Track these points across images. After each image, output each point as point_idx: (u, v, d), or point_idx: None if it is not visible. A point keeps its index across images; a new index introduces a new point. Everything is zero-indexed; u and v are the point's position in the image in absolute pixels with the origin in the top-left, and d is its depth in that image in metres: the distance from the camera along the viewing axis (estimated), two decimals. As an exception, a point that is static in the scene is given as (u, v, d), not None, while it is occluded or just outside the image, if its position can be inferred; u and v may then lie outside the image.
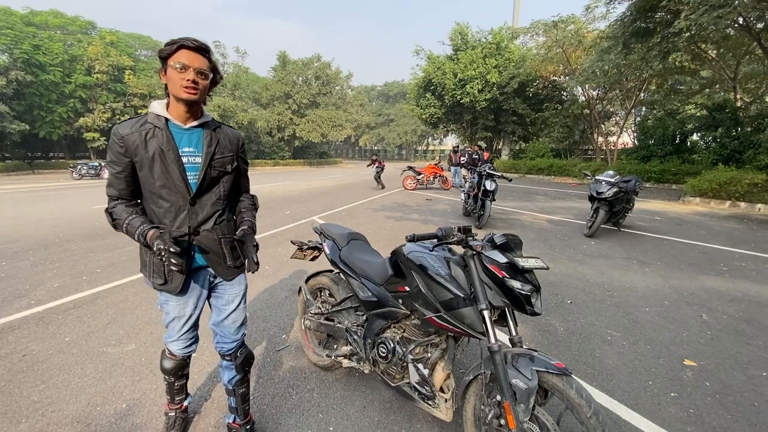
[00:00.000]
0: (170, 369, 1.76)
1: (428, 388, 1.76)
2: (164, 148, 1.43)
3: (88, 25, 30.57)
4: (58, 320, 3.20)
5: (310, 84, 39.98)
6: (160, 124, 1.45)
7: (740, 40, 13.37)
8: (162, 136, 1.43)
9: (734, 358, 2.71)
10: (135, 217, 1.44)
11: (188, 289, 1.61)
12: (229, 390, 1.82)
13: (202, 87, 1.43)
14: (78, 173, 19.35)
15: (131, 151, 1.42)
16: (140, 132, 1.42)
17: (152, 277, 1.56)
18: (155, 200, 1.48)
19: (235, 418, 1.86)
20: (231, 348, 1.76)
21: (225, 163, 1.58)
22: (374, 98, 64.14)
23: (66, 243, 5.76)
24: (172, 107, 1.48)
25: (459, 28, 24.14)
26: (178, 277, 1.54)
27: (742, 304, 3.67)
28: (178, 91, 1.40)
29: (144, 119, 1.46)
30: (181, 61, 1.37)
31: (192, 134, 1.51)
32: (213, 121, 1.59)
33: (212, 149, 1.52)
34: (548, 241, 6.12)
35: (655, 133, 17.25)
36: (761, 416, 2.10)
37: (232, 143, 1.61)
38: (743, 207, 9.86)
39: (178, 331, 1.67)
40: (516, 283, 1.49)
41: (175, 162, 1.44)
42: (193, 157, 1.49)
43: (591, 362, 2.63)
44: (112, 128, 1.47)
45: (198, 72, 1.40)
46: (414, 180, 14.46)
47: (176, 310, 1.62)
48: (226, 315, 1.72)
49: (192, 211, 1.51)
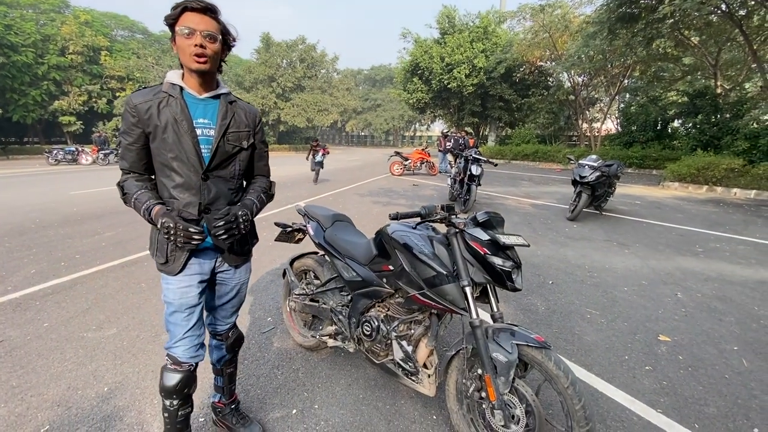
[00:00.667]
0: (175, 387, 1.49)
1: (412, 365, 1.78)
2: (178, 117, 1.36)
3: (61, 4, 29.06)
4: (35, 306, 3.12)
5: (295, 67, 39.04)
6: (175, 93, 1.38)
7: (722, 27, 13.54)
8: (176, 105, 1.37)
9: (707, 333, 2.82)
10: (143, 192, 1.39)
11: (191, 271, 1.48)
12: (217, 369, 1.79)
13: (212, 53, 1.34)
14: (54, 158, 18.63)
15: (144, 121, 1.36)
16: (154, 101, 1.36)
17: (155, 256, 1.48)
18: (167, 173, 1.41)
19: (220, 398, 1.85)
20: (224, 329, 1.73)
21: (241, 138, 1.50)
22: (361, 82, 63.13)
23: (43, 229, 5.58)
24: (186, 77, 1.42)
25: (446, 11, 23.79)
26: (180, 257, 1.45)
27: (715, 283, 3.81)
28: (188, 61, 1.32)
29: (159, 88, 1.40)
30: (187, 26, 1.28)
31: (207, 105, 1.44)
32: (230, 94, 1.52)
33: (227, 122, 1.45)
34: (532, 225, 6.21)
35: (638, 120, 17.51)
36: (731, 387, 2.20)
37: (248, 118, 1.54)
38: (720, 191, 10.17)
39: (182, 326, 1.50)
40: (497, 260, 1.50)
41: (188, 132, 1.37)
42: (207, 129, 1.42)
43: (570, 339, 2.71)
44: (88, 112, 1.44)
45: (206, 36, 1.31)
46: (401, 165, 14.42)
47: (177, 295, 1.47)
48: (226, 301, 1.67)
49: (204, 186, 1.43)
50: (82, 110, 27.51)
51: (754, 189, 9.63)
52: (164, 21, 1.35)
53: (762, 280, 3.89)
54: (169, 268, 1.46)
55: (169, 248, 1.44)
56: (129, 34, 34.76)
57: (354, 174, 14.66)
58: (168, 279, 1.48)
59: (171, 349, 1.52)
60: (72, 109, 27.14)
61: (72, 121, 27.32)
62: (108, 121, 28.92)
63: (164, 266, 1.46)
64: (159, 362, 2.36)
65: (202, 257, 1.51)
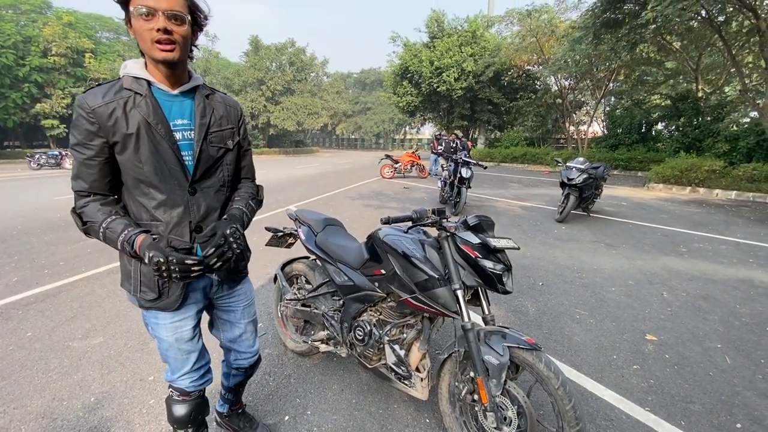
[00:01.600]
0: (188, 417, 1.35)
1: (404, 369, 1.79)
2: (151, 120, 1.11)
3: (43, 4, 28.50)
4: (18, 315, 3.04)
5: (285, 70, 38.92)
6: (142, 89, 1.11)
7: (703, 33, 13.94)
8: (146, 105, 1.11)
9: (692, 332, 2.88)
10: (115, 219, 1.12)
11: (186, 300, 1.26)
12: (228, 388, 1.68)
13: (180, 37, 1.08)
14: (36, 163, 18.24)
15: (107, 128, 1.08)
16: (117, 102, 1.09)
17: (139, 292, 1.21)
18: (144, 190, 1.15)
19: (228, 408, 1.77)
20: (251, 362, 1.57)
21: (225, 137, 1.26)
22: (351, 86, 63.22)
23: (25, 236, 5.45)
24: (151, 69, 1.15)
25: (435, 15, 24.02)
26: (175, 289, 1.21)
27: (699, 282, 3.90)
28: (150, 48, 1.06)
29: (118, 84, 1.12)
30: (145, 4, 1.01)
31: (183, 102, 1.19)
32: (204, 85, 1.26)
33: (207, 120, 1.21)
34: (521, 227, 6.28)
35: (623, 123, 17.88)
36: (716, 384, 2.25)
37: (230, 113, 1.30)
38: (702, 192, 10.42)
39: (182, 361, 1.32)
40: (488, 263, 1.52)
41: (166, 138, 1.13)
42: (187, 132, 1.18)
43: (560, 339, 2.75)
44: (72, 115, 1.20)
45: (171, 16, 1.04)
46: (392, 168, 14.45)
47: (171, 331, 1.26)
48: (243, 329, 1.48)
49: (193, 201, 1.20)
50: (65, 113, 26.96)
51: (734, 190, 9.89)
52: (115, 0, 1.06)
53: (743, 278, 4.00)
54: (163, 304, 1.22)
55: (161, 281, 1.20)
56: (114, 36, 34.19)
57: (345, 177, 14.64)
58: (157, 315, 1.25)
59: (175, 382, 1.36)
60: (55, 112, 26.57)
61: (55, 125, 26.76)
62: (93, 124, 28.38)
63: (155, 302, 1.22)
64: (147, 371, 2.32)
65: (195, 283, 1.29)
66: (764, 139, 10.97)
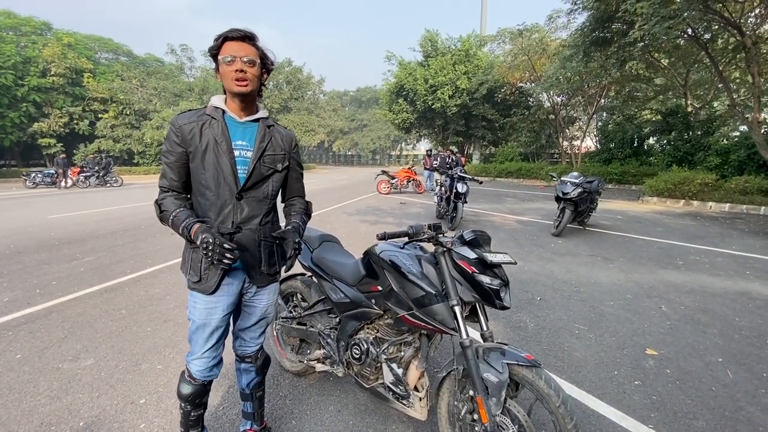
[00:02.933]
0: (188, 395, 1.59)
1: (402, 388, 1.75)
2: (218, 138, 1.43)
3: (44, 26, 28.89)
4: (8, 336, 2.97)
5: (282, 89, 39.40)
6: (217, 115, 1.46)
7: (690, 50, 14.33)
8: (217, 127, 1.44)
9: (692, 345, 2.86)
10: (182, 210, 1.43)
11: (221, 293, 1.52)
12: (246, 395, 1.79)
13: (252, 76, 1.42)
14: (32, 181, 18.14)
15: (186, 141, 1.43)
16: (197, 122, 1.44)
17: (188, 274, 1.51)
18: (203, 192, 1.47)
19: (252, 425, 1.83)
20: (253, 351, 1.74)
21: (276, 160, 1.56)
22: (347, 103, 64.11)
23: (18, 255, 5.38)
24: (228, 102, 1.49)
25: (429, 35, 24.59)
26: (213, 277, 1.48)
27: (697, 295, 3.89)
28: (230, 85, 1.40)
29: (202, 111, 1.48)
30: (228, 54, 1.37)
31: (246, 128, 1.51)
32: (269, 118, 1.59)
33: (264, 144, 1.52)
34: (518, 241, 6.28)
35: (615, 137, 18.16)
36: (718, 400, 2.22)
37: (285, 142, 1.60)
38: (696, 205, 10.51)
39: (201, 344, 1.55)
40: (485, 278, 1.51)
41: (227, 153, 1.44)
42: (245, 151, 1.48)
43: (560, 355, 2.71)
44: (69, 134, 1.43)
45: (246, 61, 1.39)
46: (388, 184, 14.53)
47: (203, 315, 1.52)
48: (255, 322, 1.69)
49: (237, 206, 1.48)
50: (63, 132, 27.03)
51: (728, 202, 9.99)
52: (208, 52, 1.44)
53: (741, 291, 3.99)
54: (202, 287, 1.49)
55: (203, 267, 1.47)
56: (113, 57, 34.60)
57: (341, 193, 14.67)
58: (196, 297, 1.52)
59: (189, 363, 1.59)
60: (52, 131, 26.63)
61: (52, 144, 26.76)
62: (90, 143, 28.47)
63: (197, 284, 1.49)
64: (138, 393, 2.26)
65: (231, 277, 1.53)
66: (755, 153, 11.16)
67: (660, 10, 8.86)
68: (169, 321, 3.26)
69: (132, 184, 20.62)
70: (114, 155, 28.15)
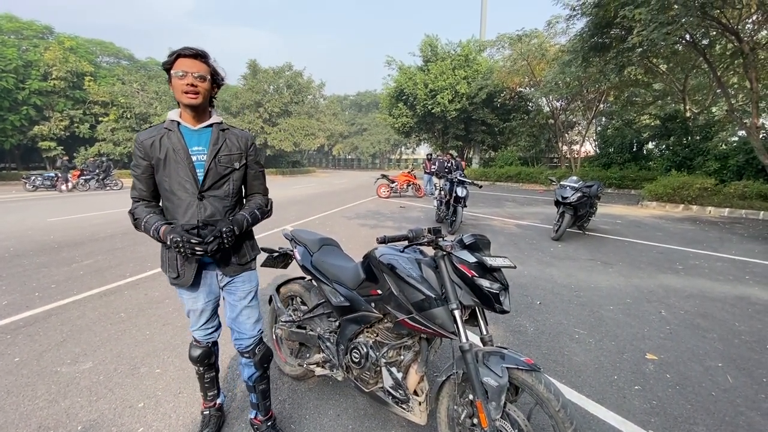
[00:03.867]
0: (197, 357, 1.84)
1: (402, 392, 1.75)
2: (175, 148, 1.57)
3: (45, 30, 28.99)
4: (6, 340, 2.96)
5: (282, 93, 39.48)
6: (173, 127, 1.60)
7: (688, 55, 14.40)
8: (173, 137, 1.58)
9: (692, 350, 2.86)
10: (151, 215, 1.59)
11: (199, 284, 1.72)
12: (250, 387, 1.88)
13: (202, 90, 1.54)
14: (32, 184, 18.13)
15: (148, 154, 1.57)
16: (156, 136, 1.58)
17: (168, 272, 1.69)
18: (168, 197, 1.62)
19: (257, 414, 1.93)
20: (249, 344, 1.83)
21: (232, 160, 1.67)
22: (347, 107, 64.23)
23: (17, 258, 5.38)
24: (182, 113, 1.63)
25: (429, 40, 24.70)
26: (189, 272, 1.65)
27: (697, 299, 3.89)
28: (180, 96, 1.53)
29: (161, 126, 1.62)
30: (180, 69, 1.50)
31: (201, 134, 1.63)
32: (222, 123, 1.70)
33: (218, 146, 1.63)
34: (518, 245, 6.29)
35: (615, 142, 18.22)
36: (718, 405, 2.22)
37: (240, 142, 1.70)
38: (695, 210, 10.53)
39: (195, 321, 1.80)
40: (485, 282, 1.51)
41: (185, 160, 1.57)
42: (201, 155, 1.61)
43: (560, 360, 2.71)
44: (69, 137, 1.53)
45: (197, 77, 1.51)
46: (388, 188, 14.54)
47: (189, 302, 1.75)
48: (239, 311, 1.80)
49: (200, 205, 1.61)
50: (63, 135, 27.06)
51: (727, 207, 10.01)
52: (162, 66, 1.57)
53: (741, 295, 3.99)
54: (181, 282, 1.68)
55: (179, 264, 1.66)
56: (114, 61, 34.73)
57: (341, 197, 14.68)
58: (180, 290, 1.74)
59: (192, 332, 1.85)
60: (53, 134, 26.65)
61: (52, 147, 26.77)
62: (90, 146, 28.51)
63: (177, 280, 1.68)
64: (137, 397, 2.26)
65: (206, 270, 1.73)
66: (753, 157, 11.19)
67: (658, 16, 8.92)
68: (168, 324, 3.25)
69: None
70: (114, 158, 28.17)
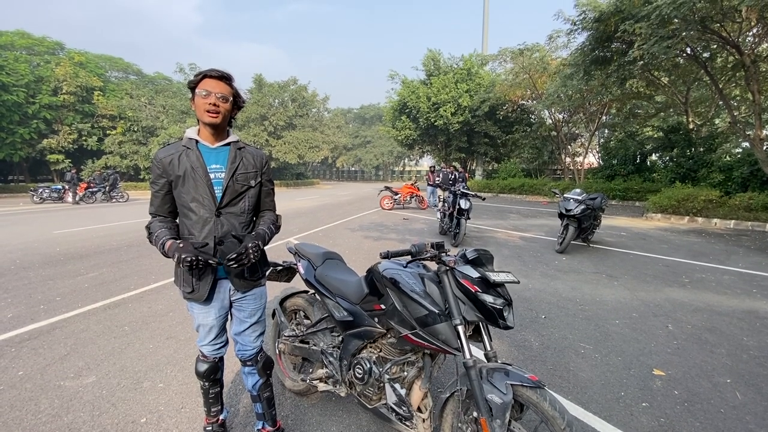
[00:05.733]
0: (204, 372, 1.83)
1: (406, 409, 1.73)
2: (194, 165, 1.62)
3: (56, 46, 29.76)
4: (10, 353, 2.97)
5: (287, 106, 40.00)
6: (191, 145, 1.65)
7: (689, 68, 14.50)
8: (192, 155, 1.63)
9: (700, 366, 2.81)
10: (162, 230, 1.62)
11: (212, 299, 1.73)
12: (255, 396, 1.91)
13: (224, 110, 1.61)
14: (39, 197, 18.36)
15: (167, 171, 1.62)
16: (175, 154, 1.63)
17: (182, 286, 1.70)
18: (186, 213, 1.66)
19: (264, 425, 1.95)
20: (251, 354, 1.87)
21: (248, 178, 1.73)
22: (351, 120, 64.94)
23: (23, 270, 5.42)
24: (201, 131, 1.68)
25: (431, 54, 25.05)
26: (204, 286, 1.67)
27: (704, 314, 3.84)
28: (202, 115, 1.59)
29: (180, 143, 1.67)
30: (205, 89, 1.56)
31: (219, 153, 1.69)
32: (239, 141, 1.76)
33: (236, 165, 1.69)
34: (522, 258, 6.26)
35: (618, 154, 18.22)
36: (728, 422, 2.17)
37: (255, 161, 1.76)
38: (701, 222, 10.46)
39: (204, 336, 1.81)
40: (488, 297, 1.51)
41: (203, 177, 1.62)
42: (219, 173, 1.66)
43: (566, 376, 2.67)
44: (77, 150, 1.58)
45: (220, 97, 1.58)
46: (391, 200, 14.58)
47: (200, 317, 1.76)
48: (248, 326, 1.83)
49: (217, 222, 1.65)
50: (71, 148, 27.48)
51: (732, 219, 9.94)
52: (188, 85, 1.64)
53: (749, 310, 3.94)
54: (195, 296, 1.69)
55: (194, 279, 1.67)
56: (123, 75, 35.46)
57: (345, 209, 14.72)
58: (192, 304, 1.74)
59: (200, 347, 1.84)
60: (61, 147, 27.07)
61: (60, 159, 27.17)
62: (97, 158, 28.91)
63: (191, 294, 1.69)
64: (140, 412, 2.25)
65: (220, 285, 1.74)
66: (758, 169, 11.15)
67: (658, 30, 9.03)
68: (172, 338, 3.25)
69: (138, 199, 20.79)
70: (121, 171, 28.51)
